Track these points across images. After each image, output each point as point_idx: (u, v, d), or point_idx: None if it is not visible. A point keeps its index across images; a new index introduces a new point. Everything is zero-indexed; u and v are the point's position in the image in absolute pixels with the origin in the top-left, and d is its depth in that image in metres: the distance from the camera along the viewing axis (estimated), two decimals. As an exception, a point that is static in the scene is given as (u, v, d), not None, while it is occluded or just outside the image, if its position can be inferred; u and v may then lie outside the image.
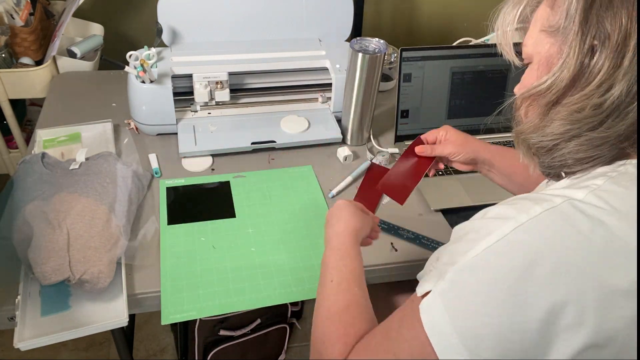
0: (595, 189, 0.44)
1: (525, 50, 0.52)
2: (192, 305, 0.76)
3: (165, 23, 1.09)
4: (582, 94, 0.45)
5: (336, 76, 1.10)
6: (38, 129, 1.03)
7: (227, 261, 0.83)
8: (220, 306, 0.77)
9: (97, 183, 0.85)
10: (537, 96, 0.50)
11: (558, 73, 0.47)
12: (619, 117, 0.45)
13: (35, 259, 0.72)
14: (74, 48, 1.26)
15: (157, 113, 1.04)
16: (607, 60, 0.44)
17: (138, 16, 1.58)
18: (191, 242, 0.86)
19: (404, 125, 1.12)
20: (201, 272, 0.81)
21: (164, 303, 0.76)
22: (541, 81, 0.48)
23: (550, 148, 0.49)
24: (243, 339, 1.30)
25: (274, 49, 1.14)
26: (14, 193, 0.84)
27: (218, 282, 0.80)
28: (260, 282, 0.81)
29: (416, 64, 1.07)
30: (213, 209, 0.92)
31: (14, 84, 1.21)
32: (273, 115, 1.12)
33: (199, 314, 0.75)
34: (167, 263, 0.81)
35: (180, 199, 0.94)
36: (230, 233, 0.88)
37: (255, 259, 0.84)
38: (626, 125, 0.45)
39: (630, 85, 0.43)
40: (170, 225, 0.88)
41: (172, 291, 0.77)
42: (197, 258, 0.83)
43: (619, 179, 0.45)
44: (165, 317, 0.75)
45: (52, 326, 0.71)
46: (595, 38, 0.44)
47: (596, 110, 0.45)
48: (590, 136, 0.46)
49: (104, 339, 1.45)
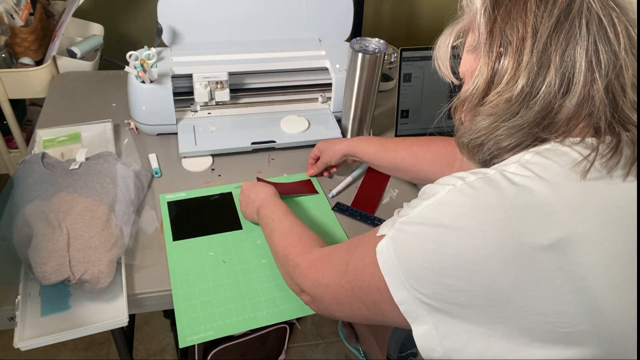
0: (524, 162, 0.51)
1: (460, 70, 0.63)
2: (209, 325, 0.74)
3: (165, 23, 1.09)
4: (495, 92, 0.54)
5: (336, 76, 1.10)
6: (38, 129, 1.03)
7: (239, 275, 0.81)
8: (239, 323, 0.75)
9: (97, 183, 0.85)
10: (464, 102, 0.59)
11: (476, 80, 0.56)
12: (528, 107, 0.52)
13: (35, 259, 0.72)
14: (74, 48, 1.26)
15: (157, 113, 1.04)
16: (511, 61, 0.52)
17: (138, 16, 1.58)
18: (199, 258, 0.83)
19: (404, 125, 1.12)
20: (214, 289, 0.78)
21: (179, 324, 0.73)
22: (465, 89, 0.58)
23: (480, 143, 0.57)
24: (243, 339, 1.30)
25: (274, 49, 1.14)
26: (14, 193, 0.84)
27: (233, 299, 0.77)
28: (275, 296, 0.78)
29: (416, 64, 1.07)
30: (218, 222, 0.90)
31: (14, 84, 1.21)
32: (273, 115, 1.12)
33: (218, 333, 0.73)
34: (177, 281, 0.78)
35: (183, 213, 0.91)
36: (239, 245, 0.86)
37: (267, 271, 0.82)
38: (535, 112, 0.52)
39: (531, 79, 0.51)
40: (176, 242, 0.85)
41: (186, 311, 0.75)
42: (208, 274, 0.80)
43: (544, 153, 0.52)
44: (182, 339, 0.72)
45: (52, 326, 0.71)
46: (501, 45, 0.53)
47: (508, 103, 0.53)
48: (508, 125, 0.54)
49: (104, 339, 1.45)
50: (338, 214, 0.94)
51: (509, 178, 0.50)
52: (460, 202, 0.49)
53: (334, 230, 0.90)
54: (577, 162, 0.49)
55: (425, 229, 0.50)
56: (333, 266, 0.62)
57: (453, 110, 0.62)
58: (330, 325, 1.58)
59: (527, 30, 0.51)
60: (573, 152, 0.51)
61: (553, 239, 0.46)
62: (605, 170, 0.50)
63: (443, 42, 0.64)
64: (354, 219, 0.93)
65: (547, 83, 0.51)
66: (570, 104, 0.51)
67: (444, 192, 0.51)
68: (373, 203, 0.97)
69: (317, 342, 1.54)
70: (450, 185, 0.51)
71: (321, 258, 0.66)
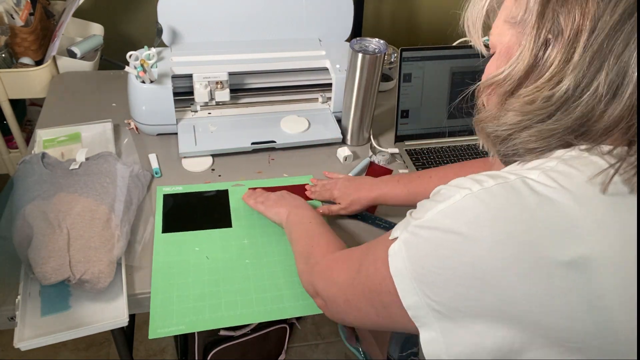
0: (548, 170, 0.47)
1: (490, 39, 0.55)
2: (181, 319, 0.74)
3: (165, 23, 1.09)
4: (534, 86, 0.48)
5: (336, 76, 1.10)
6: (38, 129, 1.03)
7: (220, 273, 0.81)
8: (211, 320, 0.75)
9: (97, 183, 0.85)
10: (495, 86, 0.52)
11: (514, 64, 0.49)
12: (567, 111, 0.47)
13: (35, 259, 0.72)
14: (74, 48, 1.26)
15: (157, 113, 1.04)
16: (559, 54, 0.46)
17: (138, 16, 1.58)
18: (185, 252, 0.83)
19: (404, 125, 1.12)
20: (193, 284, 0.79)
21: (152, 316, 0.74)
22: (499, 71, 0.51)
23: (504, 138, 0.52)
24: (243, 339, 1.30)
25: (274, 49, 1.14)
26: (14, 193, 0.84)
27: (209, 295, 0.78)
28: (252, 297, 0.78)
29: (416, 64, 1.07)
30: (209, 218, 0.90)
31: (14, 84, 1.21)
32: (273, 115, 1.12)
33: (188, 328, 0.73)
34: (158, 273, 0.79)
35: (177, 206, 0.92)
36: (225, 243, 0.86)
37: (249, 271, 0.82)
38: (573, 119, 0.47)
39: (578, 80, 0.46)
40: (165, 234, 0.86)
41: (162, 303, 0.75)
42: (190, 269, 0.81)
43: (571, 162, 0.47)
44: (152, 330, 0.72)
45: (52, 326, 0.71)
46: (550, 32, 0.47)
47: (546, 102, 0.48)
48: (540, 128, 0.49)
49: (104, 339, 1.45)
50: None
51: (532, 187, 0.46)
52: (477, 210, 0.46)
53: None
54: (601, 170, 0.45)
55: (440, 235, 0.47)
56: (348, 266, 0.61)
57: (479, 90, 0.56)
58: (330, 325, 1.58)
59: (585, 21, 0.45)
60: (601, 162, 0.46)
61: (573, 255, 0.43)
62: (629, 187, 0.46)
63: (478, 2, 0.56)
64: (355, 219, 0.93)
65: (594, 87, 0.45)
66: (612, 113, 0.46)
67: (460, 197, 0.47)
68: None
69: (317, 342, 1.54)
70: (467, 190, 0.47)
71: (339, 258, 0.65)
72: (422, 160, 1.08)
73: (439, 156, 1.09)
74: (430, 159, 1.08)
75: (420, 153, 1.10)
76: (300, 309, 0.78)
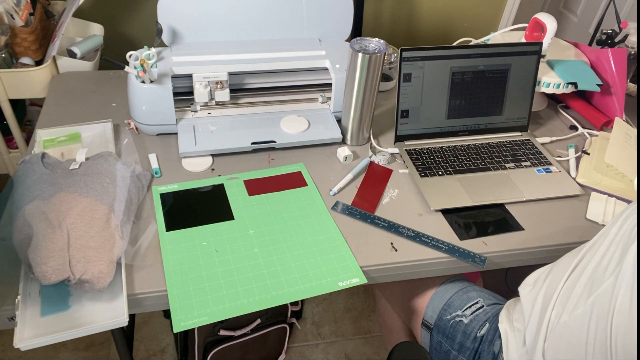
0: None
1: None
2: (202, 310, 0.75)
3: (165, 23, 1.09)
4: None
5: (336, 76, 1.10)
6: (38, 129, 1.03)
7: (231, 264, 0.83)
8: (231, 309, 0.76)
9: (97, 183, 0.85)
10: None
11: None
12: None
13: (35, 259, 0.72)
14: (74, 48, 1.26)
15: (157, 113, 1.04)
16: None
17: (138, 16, 1.58)
18: (192, 247, 0.85)
19: (404, 125, 1.12)
20: (207, 277, 0.80)
21: (173, 310, 0.75)
22: None
23: None
24: (243, 339, 1.30)
25: (274, 49, 1.14)
26: (14, 193, 0.84)
27: (226, 286, 0.79)
28: (267, 282, 0.81)
29: (416, 64, 1.07)
30: (210, 213, 0.92)
31: (14, 84, 1.21)
32: (273, 115, 1.12)
33: (211, 318, 0.75)
34: (171, 270, 0.81)
35: (176, 204, 0.93)
36: (231, 235, 0.88)
37: (259, 259, 0.84)
38: None
39: None
40: (169, 232, 0.87)
41: (180, 298, 0.77)
42: (201, 263, 0.83)
43: None
44: (176, 324, 0.73)
45: (52, 326, 0.71)
46: None
47: None
48: None
49: (104, 339, 1.45)
50: (334, 212, 0.94)
51: None
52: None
53: (329, 229, 0.90)
54: None
55: None
56: None
57: None
58: (330, 325, 1.58)
59: None
60: None
61: None
62: None
63: None
64: (354, 218, 0.93)
65: None
66: None
67: None
68: (374, 201, 0.97)
69: (317, 342, 1.54)
70: None
71: None
72: (422, 160, 1.08)
73: (439, 156, 1.09)
74: (430, 159, 1.08)
75: (420, 153, 1.10)
76: (313, 289, 0.80)
